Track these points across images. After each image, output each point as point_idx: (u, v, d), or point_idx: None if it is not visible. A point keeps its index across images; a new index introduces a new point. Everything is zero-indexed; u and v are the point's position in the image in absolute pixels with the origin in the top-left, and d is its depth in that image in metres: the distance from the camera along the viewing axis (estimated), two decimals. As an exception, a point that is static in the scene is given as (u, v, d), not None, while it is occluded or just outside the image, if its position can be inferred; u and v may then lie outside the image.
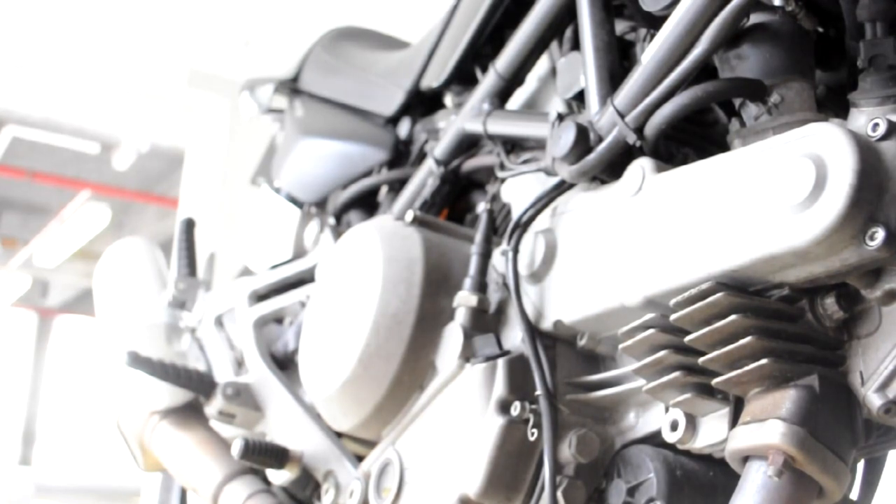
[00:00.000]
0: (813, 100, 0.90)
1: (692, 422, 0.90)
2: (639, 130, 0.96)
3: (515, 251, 1.08)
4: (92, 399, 14.33)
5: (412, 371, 1.15)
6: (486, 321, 1.12)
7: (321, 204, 1.66)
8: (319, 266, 1.37)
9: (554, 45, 1.24)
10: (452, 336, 1.11)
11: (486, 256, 1.14)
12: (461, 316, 1.11)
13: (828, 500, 0.81)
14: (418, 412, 1.16)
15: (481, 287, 1.12)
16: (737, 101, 0.93)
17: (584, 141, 1.01)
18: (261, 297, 1.58)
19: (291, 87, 1.77)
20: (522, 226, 1.09)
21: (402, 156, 1.55)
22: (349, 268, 1.24)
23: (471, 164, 1.33)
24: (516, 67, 1.25)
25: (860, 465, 1.03)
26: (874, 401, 0.80)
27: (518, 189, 1.24)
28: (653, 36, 1.00)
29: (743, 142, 0.90)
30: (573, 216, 1.04)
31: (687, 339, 0.85)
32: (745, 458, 0.82)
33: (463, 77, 1.41)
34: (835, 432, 0.80)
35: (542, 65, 1.28)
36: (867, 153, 0.76)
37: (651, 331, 0.89)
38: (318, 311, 1.29)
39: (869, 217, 0.75)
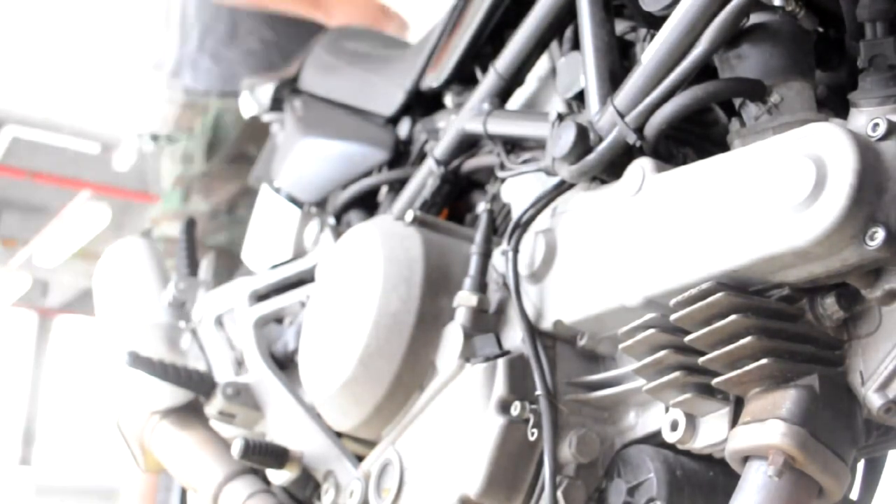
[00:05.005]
0: (813, 100, 0.90)
1: (692, 422, 0.90)
2: (639, 130, 0.96)
3: (515, 251, 1.08)
4: (92, 399, 14.32)
5: (412, 371, 1.15)
6: (486, 321, 1.12)
7: (321, 204, 1.66)
8: (319, 266, 1.37)
9: (554, 45, 1.24)
10: (452, 336, 1.11)
11: (486, 256, 1.14)
12: (461, 316, 1.11)
13: (828, 500, 0.82)
14: (418, 412, 1.16)
15: (481, 287, 1.12)
16: (737, 101, 0.93)
17: (584, 141, 1.01)
18: (261, 297, 1.58)
19: (291, 87, 1.77)
20: (522, 226, 1.09)
21: (402, 156, 1.55)
22: (349, 268, 1.24)
23: (471, 164, 1.33)
24: (516, 67, 1.25)
25: (860, 465, 1.04)
26: (874, 401, 0.80)
27: (518, 189, 1.24)
28: (653, 36, 1.00)
29: (743, 142, 0.90)
30: (573, 216, 1.04)
31: (687, 339, 0.85)
32: (746, 458, 0.82)
33: (463, 77, 1.41)
34: (835, 432, 0.80)
35: (542, 65, 1.28)
36: (867, 153, 0.76)
37: (651, 331, 0.89)
38: (318, 311, 1.29)
39: (869, 217, 0.75)
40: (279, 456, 1.30)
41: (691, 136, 1.05)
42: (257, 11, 2.35)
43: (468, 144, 1.33)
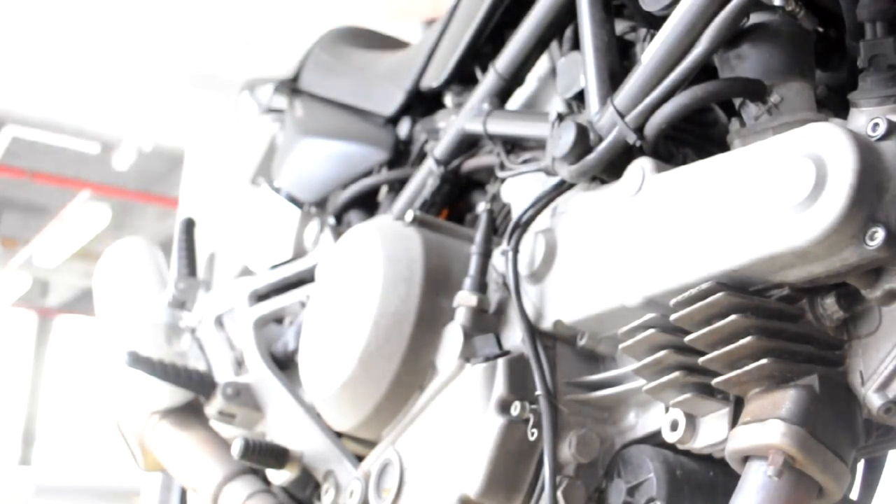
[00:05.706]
0: (813, 100, 0.90)
1: (692, 422, 0.90)
2: (639, 130, 0.96)
3: (515, 251, 1.08)
4: (92, 399, 14.31)
5: (412, 371, 1.15)
6: (486, 321, 1.12)
7: (321, 204, 1.66)
8: (319, 266, 1.37)
9: (554, 45, 1.24)
10: (452, 336, 1.11)
11: (486, 256, 1.14)
12: (461, 316, 1.11)
13: (828, 500, 0.82)
14: (418, 412, 1.15)
15: (481, 287, 1.12)
16: (737, 101, 0.93)
17: (584, 141, 1.01)
18: (261, 297, 1.58)
19: (291, 87, 1.77)
20: (522, 226, 1.09)
21: (402, 156, 1.55)
22: (349, 268, 1.24)
23: (471, 164, 1.33)
24: (516, 67, 1.25)
25: (860, 465, 1.04)
26: (874, 401, 0.80)
27: (518, 189, 1.24)
28: (653, 36, 1.00)
29: (743, 142, 0.90)
30: (573, 216, 1.04)
31: (687, 339, 0.85)
32: (745, 458, 0.82)
33: (463, 77, 1.41)
34: (835, 432, 0.80)
35: (542, 65, 1.28)
36: (867, 153, 0.76)
37: (651, 331, 0.89)
38: (318, 311, 1.29)
39: (869, 217, 0.75)
40: (279, 456, 1.30)
41: (691, 136, 1.05)
42: None
43: (468, 144, 1.33)
